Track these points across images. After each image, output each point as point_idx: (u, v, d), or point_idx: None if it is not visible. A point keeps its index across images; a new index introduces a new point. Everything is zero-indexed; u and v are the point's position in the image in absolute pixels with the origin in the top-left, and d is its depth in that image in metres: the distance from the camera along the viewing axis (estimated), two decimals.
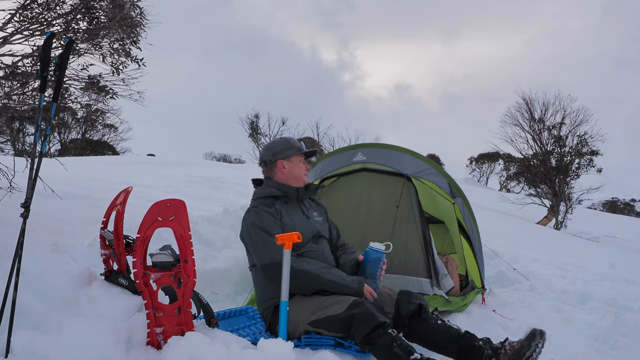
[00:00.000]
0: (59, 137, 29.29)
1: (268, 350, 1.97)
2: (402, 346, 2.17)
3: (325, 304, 2.46)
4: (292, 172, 2.80)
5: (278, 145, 2.85)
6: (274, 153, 2.82)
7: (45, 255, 2.70)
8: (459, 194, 4.28)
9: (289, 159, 2.80)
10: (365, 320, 2.25)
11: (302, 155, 2.82)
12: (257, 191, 2.86)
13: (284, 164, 2.80)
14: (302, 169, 2.82)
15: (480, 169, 39.60)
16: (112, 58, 4.97)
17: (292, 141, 2.85)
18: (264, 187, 2.83)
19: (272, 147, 2.87)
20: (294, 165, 2.80)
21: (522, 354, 2.15)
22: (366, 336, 2.23)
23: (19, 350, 1.90)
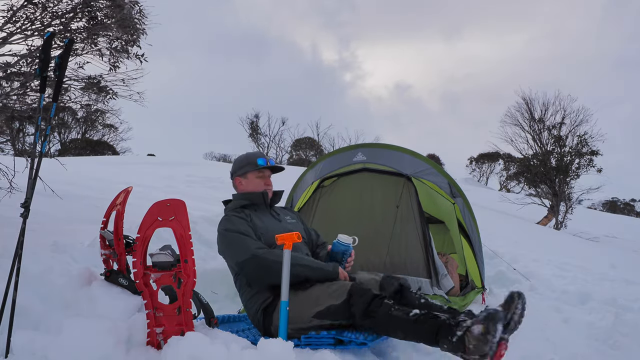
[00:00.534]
0: (59, 137, 29.30)
1: (268, 350, 1.97)
2: (400, 309, 2.24)
3: (325, 294, 2.45)
4: (248, 188, 2.89)
5: (237, 162, 2.96)
6: (232, 171, 2.97)
7: (45, 255, 2.71)
8: (459, 194, 4.27)
9: (245, 175, 2.90)
10: (361, 294, 2.34)
11: (258, 170, 2.88)
12: (226, 207, 2.93)
13: (241, 180, 2.92)
14: (258, 184, 2.89)
15: (480, 169, 39.64)
16: (110, 56, 4.97)
17: (250, 157, 2.92)
18: (237, 201, 2.90)
19: (233, 164, 2.99)
20: (249, 181, 2.89)
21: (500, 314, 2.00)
22: (366, 309, 2.28)
23: (19, 350, 1.90)
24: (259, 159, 2.88)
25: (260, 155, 2.93)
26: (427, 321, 2.13)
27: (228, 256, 2.69)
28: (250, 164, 2.88)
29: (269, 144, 37.03)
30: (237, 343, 2.07)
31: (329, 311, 2.40)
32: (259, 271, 2.51)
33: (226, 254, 2.70)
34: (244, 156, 2.97)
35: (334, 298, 2.39)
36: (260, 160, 2.88)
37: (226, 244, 2.66)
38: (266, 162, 2.88)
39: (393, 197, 4.03)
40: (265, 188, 2.89)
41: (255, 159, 2.89)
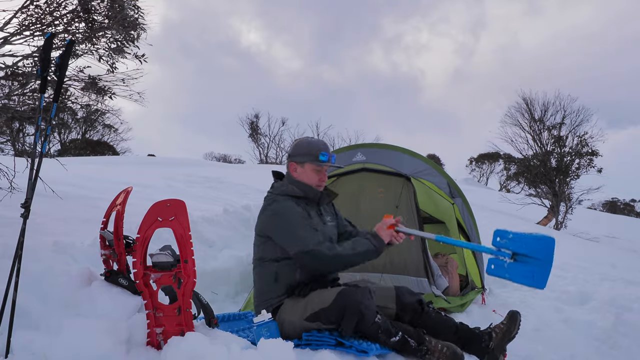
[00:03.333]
0: (59, 137, 29.30)
1: (268, 350, 1.97)
2: (385, 331, 2.42)
3: (316, 298, 2.52)
4: (302, 178, 2.74)
5: (298, 147, 2.77)
6: (291, 154, 2.79)
7: (45, 255, 2.71)
8: (458, 194, 4.28)
9: (302, 164, 2.73)
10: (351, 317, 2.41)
11: (317, 164, 2.71)
12: (277, 185, 2.78)
13: (296, 167, 2.75)
14: (312, 177, 2.73)
15: (480, 169, 39.65)
16: (108, 58, 4.98)
17: (312, 147, 2.72)
18: (285, 184, 2.75)
19: (294, 147, 2.80)
20: (305, 172, 2.73)
21: (510, 332, 2.64)
22: (355, 328, 2.43)
23: (19, 350, 1.90)
24: (322, 154, 2.70)
25: (323, 149, 2.73)
26: (404, 348, 2.45)
27: (283, 237, 2.58)
28: (311, 154, 2.70)
29: (269, 144, 37.05)
30: (237, 343, 2.08)
31: (319, 314, 2.48)
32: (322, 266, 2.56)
33: (280, 234, 2.59)
34: (307, 143, 2.76)
35: (323, 302, 2.47)
36: (323, 155, 2.70)
37: (286, 226, 2.57)
38: (328, 158, 2.72)
39: (392, 197, 4.04)
40: (319, 184, 2.75)
41: (318, 152, 2.70)
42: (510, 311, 2.72)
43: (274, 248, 2.64)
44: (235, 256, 4.19)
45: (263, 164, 33.42)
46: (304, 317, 2.51)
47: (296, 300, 2.58)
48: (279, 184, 2.78)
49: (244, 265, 4.17)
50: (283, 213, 2.60)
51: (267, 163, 34.54)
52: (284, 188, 2.73)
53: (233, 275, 3.99)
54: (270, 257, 2.66)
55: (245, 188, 10.98)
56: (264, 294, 2.68)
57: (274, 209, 2.64)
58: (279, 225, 2.60)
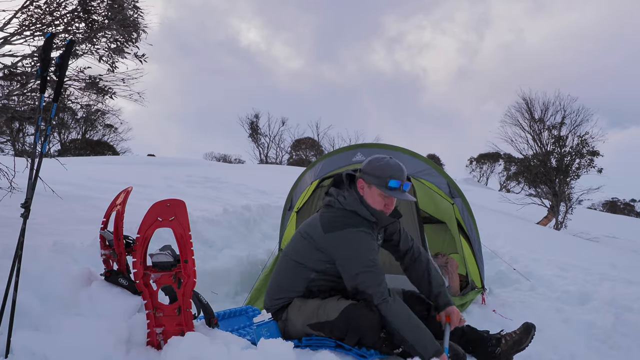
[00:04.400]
0: (59, 137, 29.31)
1: (268, 351, 1.97)
2: (389, 345, 2.42)
3: (320, 309, 2.52)
4: (367, 199, 2.61)
5: (372, 166, 2.62)
6: (364, 169, 2.64)
7: (45, 255, 2.71)
8: (458, 195, 4.27)
9: (370, 185, 2.60)
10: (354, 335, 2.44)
11: (384, 191, 2.57)
12: (350, 200, 2.61)
13: (364, 186, 2.62)
14: (378, 202, 2.59)
15: (480, 169, 39.66)
16: (108, 58, 4.98)
17: (385, 173, 2.55)
18: (357, 201, 2.61)
19: (369, 163, 2.65)
20: (371, 193, 2.60)
21: (520, 343, 2.62)
22: (357, 342, 2.46)
23: (19, 350, 1.90)
24: (392, 181, 2.54)
25: (396, 177, 2.54)
26: (407, 355, 2.39)
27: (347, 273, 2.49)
28: (380, 179, 2.55)
29: (269, 144, 37.07)
30: (237, 343, 2.08)
31: (323, 325, 2.49)
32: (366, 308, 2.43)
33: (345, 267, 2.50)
34: (380, 165, 2.59)
35: (328, 315, 2.48)
36: (393, 182, 2.54)
37: (354, 264, 2.47)
38: (399, 186, 2.55)
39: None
40: (384, 210, 2.61)
41: (388, 179, 2.54)
42: (525, 322, 2.69)
43: (323, 262, 2.58)
44: (235, 256, 4.19)
45: (263, 164, 33.43)
46: (308, 322, 2.52)
47: (306, 303, 2.59)
48: (350, 197, 2.62)
49: (244, 265, 4.17)
50: (359, 244, 2.50)
51: (267, 163, 34.55)
52: (357, 207, 2.60)
53: (233, 275, 3.99)
54: (314, 267, 2.60)
55: (245, 188, 10.98)
56: (285, 290, 2.66)
57: (350, 238, 2.52)
58: (350, 255, 2.50)
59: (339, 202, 2.62)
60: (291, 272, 2.66)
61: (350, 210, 2.59)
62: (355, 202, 2.60)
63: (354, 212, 2.59)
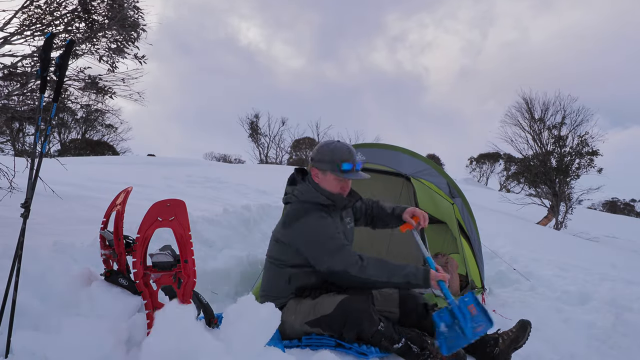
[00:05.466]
0: (59, 137, 29.31)
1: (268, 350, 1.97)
2: (388, 339, 2.45)
3: (317, 305, 2.55)
4: (324, 185, 2.66)
5: (321, 152, 2.66)
6: (313, 157, 2.68)
7: (45, 255, 2.70)
8: (458, 194, 4.28)
9: (324, 172, 2.64)
10: (352, 327, 2.46)
11: (339, 175, 2.61)
12: (303, 190, 2.67)
13: (318, 173, 2.67)
14: (334, 185, 2.64)
15: (480, 169, 39.67)
16: (108, 58, 4.99)
17: (336, 154, 2.60)
18: (310, 190, 2.66)
19: (318, 150, 2.68)
20: (326, 179, 2.65)
21: (517, 340, 2.67)
22: (357, 336, 2.48)
23: (19, 350, 1.89)
24: (345, 164, 2.57)
25: (347, 159, 2.58)
26: (407, 353, 2.48)
27: (314, 253, 2.53)
28: (332, 163, 2.58)
29: (269, 144, 37.08)
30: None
31: (320, 320, 2.51)
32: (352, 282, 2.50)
33: (311, 249, 2.54)
34: (330, 150, 2.62)
35: (324, 309, 2.50)
36: (346, 165, 2.57)
37: (317, 245, 2.52)
38: (352, 168, 2.59)
39: (392, 197, 4.04)
40: (341, 192, 2.68)
41: (340, 162, 2.57)
42: (521, 320, 2.75)
43: (295, 255, 2.61)
44: (235, 256, 4.18)
45: (263, 163, 33.43)
46: (306, 320, 2.54)
47: (301, 302, 2.60)
48: (304, 189, 2.68)
49: (244, 265, 4.16)
50: (316, 229, 2.54)
51: (267, 163, 34.55)
52: (311, 195, 2.65)
53: (233, 275, 3.98)
54: (289, 263, 2.64)
55: (245, 188, 10.97)
56: (273, 294, 2.69)
57: (308, 224, 2.55)
58: (311, 241, 2.55)
59: (294, 196, 2.71)
60: (273, 272, 2.72)
61: (305, 200, 2.66)
62: (309, 191, 2.67)
63: (308, 201, 2.66)
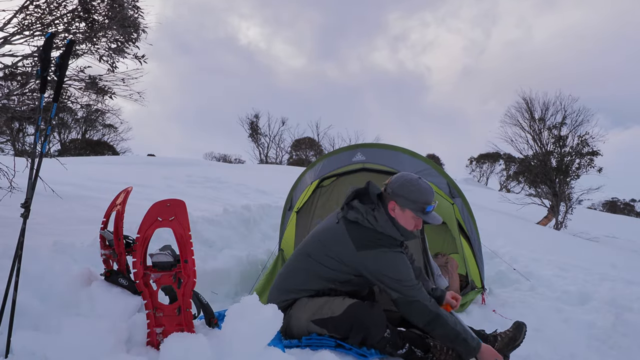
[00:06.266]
0: (59, 137, 29.32)
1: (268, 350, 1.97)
2: (393, 345, 2.49)
3: (326, 305, 2.56)
4: (398, 219, 2.65)
5: (407, 189, 2.63)
6: (396, 192, 2.64)
7: (45, 255, 2.70)
8: (458, 195, 4.27)
9: (403, 209, 2.63)
10: (359, 332, 2.49)
11: (419, 215, 2.63)
12: (383, 223, 2.62)
13: (396, 208, 2.64)
14: (409, 223, 2.65)
15: (480, 169, 39.68)
16: (108, 58, 4.99)
17: (421, 197, 2.61)
18: (390, 226, 2.63)
19: (403, 186, 2.64)
20: (404, 216, 2.64)
21: (515, 339, 2.69)
22: (361, 342, 2.52)
23: (19, 350, 1.89)
24: (429, 207, 2.62)
25: (431, 202, 2.63)
26: (410, 358, 2.53)
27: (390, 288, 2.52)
28: (417, 204, 2.60)
29: (269, 144, 37.09)
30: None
31: (327, 321, 2.52)
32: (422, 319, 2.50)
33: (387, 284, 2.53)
34: (417, 190, 2.61)
35: (333, 311, 2.52)
36: (429, 207, 2.62)
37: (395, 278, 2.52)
38: (432, 209, 2.64)
39: None
40: (413, 229, 2.68)
41: (426, 205, 2.61)
42: (516, 321, 2.79)
43: (345, 274, 2.61)
44: (235, 256, 4.19)
45: (263, 163, 33.44)
46: (313, 319, 2.55)
47: (311, 300, 2.61)
48: (382, 220, 2.62)
49: (244, 265, 4.17)
50: (397, 269, 2.54)
51: (267, 163, 34.56)
52: (389, 229, 2.63)
53: (233, 275, 3.98)
54: (335, 278, 2.63)
55: (245, 188, 10.98)
56: (295, 291, 2.67)
57: (387, 259, 2.56)
58: (388, 277, 2.53)
59: (369, 222, 2.62)
60: (305, 276, 2.67)
61: (381, 232, 2.62)
62: (387, 224, 2.62)
63: (384, 233, 2.62)
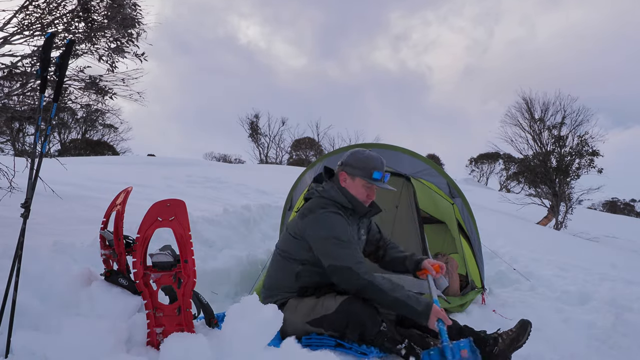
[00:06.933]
0: (59, 137, 29.32)
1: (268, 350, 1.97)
2: (391, 340, 2.47)
3: (318, 304, 2.56)
4: (350, 189, 2.71)
5: (353, 158, 2.73)
6: (344, 162, 2.74)
7: (45, 255, 2.70)
8: (458, 195, 4.27)
9: (353, 177, 2.71)
10: (355, 328, 2.46)
11: (368, 181, 2.69)
12: (327, 188, 2.72)
13: (346, 177, 2.73)
14: (361, 192, 2.71)
15: (480, 169, 39.67)
16: (108, 57, 4.98)
17: (368, 163, 2.68)
18: (334, 189, 2.72)
19: (350, 156, 2.75)
20: (354, 185, 2.71)
21: (518, 340, 2.64)
22: (359, 338, 2.50)
23: (19, 350, 1.89)
24: (376, 172, 2.67)
25: (378, 167, 2.69)
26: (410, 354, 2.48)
27: (322, 251, 2.54)
28: (365, 170, 2.68)
29: (269, 144, 37.09)
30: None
31: (322, 320, 2.52)
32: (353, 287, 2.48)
33: (319, 247, 2.55)
34: (364, 157, 2.72)
35: (327, 309, 2.51)
36: (377, 173, 2.67)
37: (326, 243, 2.53)
38: (381, 177, 2.69)
39: (392, 197, 4.03)
40: (366, 200, 2.74)
41: (372, 170, 2.67)
42: (521, 320, 2.73)
43: (305, 250, 2.63)
44: (235, 256, 4.19)
45: (263, 163, 33.44)
46: (307, 320, 2.55)
47: (302, 301, 2.60)
48: (328, 187, 2.74)
49: (244, 265, 4.16)
50: (330, 223, 2.56)
51: (267, 163, 34.56)
52: (334, 194, 2.70)
53: (233, 275, 3.98)
54: (298, 257, 2.66)
55: (245, 188, 10.97)
56: (278, 287, 2.70)
57: (322, 218, 2.58)
58: (321, 236, 2.56)
59: (317, 192, 2.76)
60: (280, 266, 2.72)
61: (326, 197, 2.71)
62: (332, 190, 2.73)
63: (329, 198, 2.70)
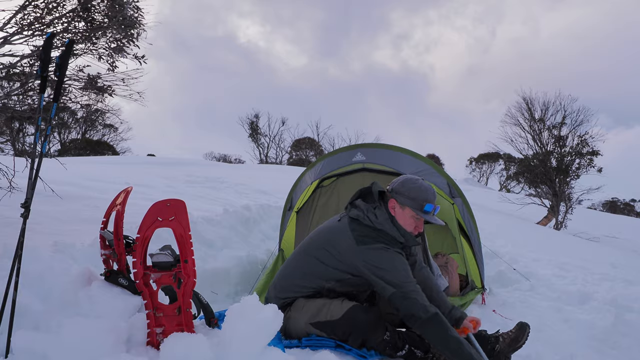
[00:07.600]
0: (59, 137, 29.32)
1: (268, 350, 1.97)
2: (393, 347, 2.50)
3: (324, 308, 2.55)
4: (398, 219, 2.63)
5: (407, 187, 2.63)
6: (396, 190, 2.64)
7: (45, 255, 2.70)
8: (458, 195, 4.27)
9: (403, 207, 2.61)
10: (358, 336, 2.50)
11: (418, 214, 2.60)
12: (381, 219, 2.61)
13: (396, 206, 2.63)
14: (409, 223, 2.62)
15: (480, 169, 39.66)
16: (108, 57, 4.98)
17: (421, 195, 2.59)
18: (387, 222, 2.61)
19: (403, 184, 2.65)
20: (403, 215, 2.62)
21: (517, 340, 2.68)
22: (361, 345, 2.52)
23: (19, 350, 1.89)
24: (428, 206, 2.58)
25: (430, 200, 2.60)
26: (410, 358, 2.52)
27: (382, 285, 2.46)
28: (416, 202, 2.58)
29: (269, 144, 37.09)
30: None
31: (325, 325, 2.52)
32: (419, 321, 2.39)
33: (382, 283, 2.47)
34: (417, 187, 2.61)
35: (332, 315, 2.52)
36: (429, 206, 2.59)
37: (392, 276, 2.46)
38: (432, 210, 2.60)
39: None
40: (414, 231, 2.66)
41: (424, 203, 2.58)
42: (520, 322, 2.77)
43: (344, 272, 2.57)
44: (235, 256, 4.19)
45: (263, 163, 33.44)
46: (311, 321, 2.54)
47: (309, 301, 2.60)
48: (382, 217, 2.61)
49: (244, 265, 4.17)
50: (397, 264, 2.50)
51: (267, 163, 34.56)
52: (388, 227, 2.60)
53: (233, 275, 3.98)
54: (335, 277, 2.59)
55: (245, 188, 10.97)
56: (294, 290, 2.65)
57: (385, 253, 2.51)
58: (389, 274, 2.47)
59: (369, 220, 2.61)
60: (306, 272, 2.64)
61: (381, 229, 2.59)
62: (386, 222, 2.60)
63: (383, 231, 2.59)
